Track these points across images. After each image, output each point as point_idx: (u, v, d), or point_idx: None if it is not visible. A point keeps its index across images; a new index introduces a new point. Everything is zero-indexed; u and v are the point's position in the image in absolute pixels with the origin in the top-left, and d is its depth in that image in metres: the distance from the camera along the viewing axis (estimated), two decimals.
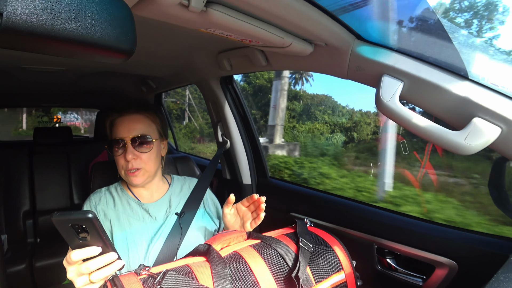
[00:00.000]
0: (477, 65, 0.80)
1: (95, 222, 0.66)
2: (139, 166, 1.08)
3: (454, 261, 0.99)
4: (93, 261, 0.71)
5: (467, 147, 0.77)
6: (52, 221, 0.66)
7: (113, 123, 1.12)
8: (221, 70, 1.47)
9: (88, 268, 0.70)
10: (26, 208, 2.49)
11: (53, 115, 12.20)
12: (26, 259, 2.18)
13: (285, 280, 0.83)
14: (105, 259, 0.72)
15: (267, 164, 1.80)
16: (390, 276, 1.15)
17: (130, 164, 1.07)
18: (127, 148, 1.07)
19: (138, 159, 1.08)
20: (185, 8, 0.71)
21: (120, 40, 0.47)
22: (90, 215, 0.65)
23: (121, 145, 1.08)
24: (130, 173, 1.08)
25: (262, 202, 1.01)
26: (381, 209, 1.23)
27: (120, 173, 1.12)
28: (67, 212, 0.68)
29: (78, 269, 0.72)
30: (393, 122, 1.01)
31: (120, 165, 1.10)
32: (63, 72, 1.77)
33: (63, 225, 0.67)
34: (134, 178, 1.08)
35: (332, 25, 0.86)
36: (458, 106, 0.80)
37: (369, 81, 0.95)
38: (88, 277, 0.72)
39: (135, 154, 1.07)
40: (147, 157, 1.09)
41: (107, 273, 0.73)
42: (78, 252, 0.70)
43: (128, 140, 1.07)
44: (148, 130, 1.11)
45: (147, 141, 1.09)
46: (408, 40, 0.91)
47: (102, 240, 0.70)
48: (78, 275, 0.72)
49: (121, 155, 1.08)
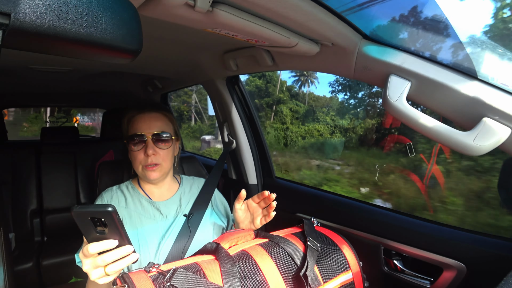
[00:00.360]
0: (486, 65, 0.79)
1: (114, 215, 0.67)
2: (158, 162, 1.11)
3: (463, 263, 0.98)
4: (109, 254, 0.71)
5: (476, 148, 0.76)
6: (72, 214, 0.67)
7: (132, 119, 1.15)
8: (227, 70, 1.47)
9: (104, 260, 0.71)
10: (33, 207, 2.52)
11: (73, 116, 12.45)
12: (33, 257, 2.20)
13: (293, 279, 0.84)
14: (121, 251, 0.72)
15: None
16: (396, 277, 1.14)
17: (149, 159, 1.09)
18: (148, 143, 1.10)
19: (157, 155, 1.11)
20: (191, 8, 0.71)
21: (126, 41, 0.47)
22: (110, 209, 0.66)
23: (141, 140, 1.11)
24: (149, 168, 1.11)
25: (272, 199, 1.03)
26: (388, 210, 1.22)
27: (136, 168, 1.14)
28: (87, 205, 0.68)
29: (94, 262, 0.72)
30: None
31: (138, 160, 1.12)
32: (70, 72, 1.78)
33: (82, 218, 0.68)
34: (151, 173, 1.11)
35: (339, 24, 0.86)
36: (467, 106, 0.79)
37: (376, 81, 0.95)
38: (104, 270, 0.73)
39: (154, 149, 1.10)
40: (165, 154, 1.13)
41: (122, 266, 0.73)
42: (96, 245, 0.70)
43: (149, 136, 1.10)
44: (167, 128, 1.15)
45: (166, 138, 1.13)
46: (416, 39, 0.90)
47: (120, 233, 0.70)
48: (94, 268, 0.73)
49: (141, 150, 1.11)
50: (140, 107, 1.15)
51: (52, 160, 2.66)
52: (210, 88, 1.74)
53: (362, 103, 15.00)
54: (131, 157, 1.14)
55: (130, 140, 1.12)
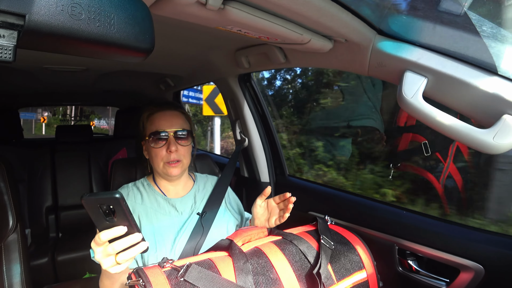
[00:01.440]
0: (507, 60, 0.76)
1: (121, 202, 0.68)
2: (179, 158, 1.13)
3: (481, 264, 0.95)
4: (119, 242, 0.73)
5: (496, 146, 0.73)
6: (82, 202, 0.68)
7: (151, 116, 1.16)
8: (239, 68, 1.46)
9: (114, 248, 0.72)
10: (49, 204, 2.57)
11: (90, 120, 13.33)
12: (49, 253, 2.25)
13: (307, 277, 0.84)
14: (130, 239, 0.73)
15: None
16: (411, 278, 1.12)
17: (172, 155, 1.11)
18: (170, 140, 1.12)
19: (179, 152, 1.13)
20: (202, 6, 0.70)
21: (138, 39, 0.47)
22: (117, 195, 0.67)
23: (163, 137, 1.12)
24: (171, 164, 1.12)
25: (291, 202, 1.04)
26: (403, 209, 1.20)
27: (157, 165, 1.15)
28: (96, 192, 0.69)
29: (105, 250, 0.74)
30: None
31: (159, 157, 1.13)
32: (83, 71, 1.80)
33: (92, 205, 0.69)
34: (173, 169, 1.13)
35: (352, 20, 0.84)
36: (486, 103, 0.76)
37: (391, 77, 0.93)
38: (115, 258, 0.74)
39: (176, 146, 1.12)
40: (186, 151, 1.15)
41: (132, 254, 0.74)
42: (106, 233, 0.72)
43: (171, 133, 1.12)
44: (186, 125, 1.17)
45: (187, 135, 1.15)
46: (432, 34, 0.87)
47: (128, 221, 0.71)
48: (105, 256, 0.75)
49: (163, 147, 1.12)
50: (159, 105, 1.17)
51: (67, 158, 2.71)
52: (222, 86, 1.73)
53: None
54: (150, 154, 1.15)
55: (151, 137, 1.13)
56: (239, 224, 1.27)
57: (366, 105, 2.53)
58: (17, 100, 2.99)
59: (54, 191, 2.62)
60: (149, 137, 1.14)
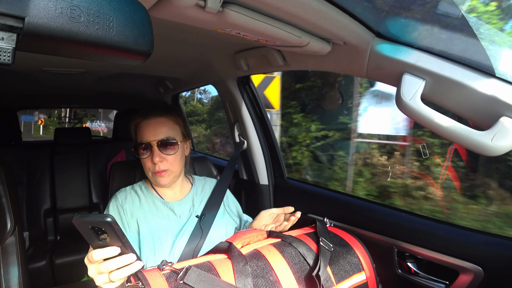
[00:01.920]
0: (504, 62, 0.77)
1: (114, 226, 0.67)
2: (166, 168, 1.11)
3: (480, 266, 0.95)
4: (112, 261, 0.72)
5: (494, 148, 0.74)
6: (73, 223, 0.68)
7: (138, 126, 1.15)
8: (238, 71, 1.46)
9: (107, 267, 0.72)
10: (47, 206, 2.57)
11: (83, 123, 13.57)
12: (47, 256, 2.25)
13: (306, 279, 0.84)
14: (123, 260, 0.73)
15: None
16: (410, 280, 1.12)
17: (157, 166, 1.10)
18: (154, 151, 1.10)
19: (165, 161, 1.11)
20: (201, 9, 0.71)
21: (137, 42, 0.47)
22: (109, 219, 0.66)
23: (147, 148, 1.11)
24: (157, 174, 1.11)
25: (296, 216, 1.05)
26: (402, 211, 1.20)
27: (147, 174, 1.15)
28: (87, 214, 0.69)
29: (98, 268, 0.74)
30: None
31: (147, 167, 1.13)
32: (82, 74, 1.80)
33: (83, 226, 0.69)
34: (161, 179, 1.12)
35: (351, 23, 0.84)
36: (484, 105, 0.76)
37: (389, 80, 0.93)
38: (108, 276, 0.74)
39: (161, 156, 1.10)
40: (172, 159, 1.13)
41: (126, 274, 0.74)
42: (99, 252, 0.72)
43: (154, 144, 1.10)
44: (172, 132, 1.14)
45: (172, 143, 1.12)
46: (430, 36, 0.88)
47: (121, 242, 0.71)
48: (98, 274, 0.75)
49: (148, 158, 1.11)
50: (144, 113, 1.15)
51: (65, 160, 2.71)
52: (221, 89, 1.74)
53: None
54: (141, 163, 1.16)
55: (137, 148, 1.13)
56: (238, 227, 1.27)
57: None
58: (16, 102, 2.99)
59: (53, 194, 2.61)
60: (134, 148, 1.14)
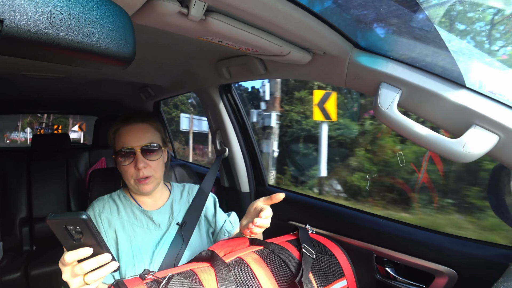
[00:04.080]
0: (473, 73, 0.81)
1: (88, 223, 0.66)
2: (150, 174, 1.09)
3: (454, 269, 0.99)
4: (87, 262, 0.70)
5: (465, 155, 0.77)
6: (47, 223, 0.66)
7: (118, 132, 1.12)
8: (220, 78, 1.47)
9: (82, 269, 0.70)
10: (23, 215, 2.47)
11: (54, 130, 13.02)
12: (22, 267, 2.15)
13: (288, 286, 0.84)
14: (98, 260, 0.71)
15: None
16: (389, 285, 1.14)
17: (141, 172, 1.07)
18: (138, 157, 1.07)
19: (148, 167, 1.09)
20: (184, 16, 0.71)
21: (119, 48, 0.47)
22: (84, 216, 0.65)
23: (130, 154, 1.08)
24: (141, 182, 1.08)
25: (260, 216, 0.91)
26: (380, 217, 1.23)
27: (128, 182, 1.11)
28: (61, 213, 0.68)
29: (72, 270, 0.71)
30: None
31: (129, 174, 1.09)
32: (62, 79, 1.77)
33: (57, 226, 0.67)
34: (145, 186, 1.09)
35: (330, 33, 0.87)
36: (455, 114, 0.80)
37: (368, 89, 0.96)
38: (83, 278, 0.72)
39: (145, 162, 1.08)
40: (156, 165, 1.11)
41: (101, 275, 0.72)
42: (72, 253, 0.69)
43: (138, 149, 1.07)
44: (155, 138, 1.12)
45: (156, 149, 1.10)
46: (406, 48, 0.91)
47: (96, 241, 0.69)
48: (73, 276, 0.72)
49: (131, 164, 1.08)
50: (125, 119, 1.13)
51: (43, 167, 2.62)
52: (203, 96, 1.74)
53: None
54: (121, 170, 1.12)
55: (118, 155, 1.10)
56: (217, 225, 1.24)
57: None
58: None
59: (29, 202, 2.51)
60: (116, 154, 1.11)
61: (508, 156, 0.77)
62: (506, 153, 0.77)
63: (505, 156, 0.78)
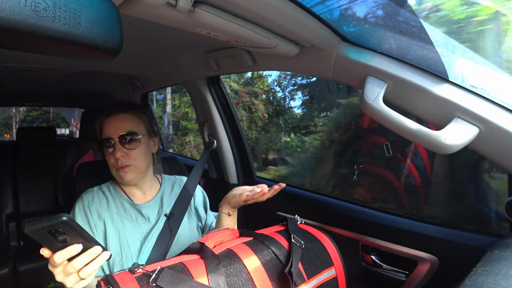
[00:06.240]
0: (456, 67, 0.83)
1: (70, 223, 0.64)
2: (128, 163, 1.09)
3: (435, 256, 1.02)
4: (78, 259, 0.70)
5: (448, 146, 0.79)
6: (26, 233, 0.62)
7: (101, 124, 1.13)
8: (208, 70, 1.47)
9: (74, 266, 0.70)
10: (9, 210, 2.43)
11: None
12: (10, 263, 2.12)
13: (278, 276, 0.85)
14: (89, 254, 0.71)
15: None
16: (374, 272, 1.17)
17: (120, 161, 1.08)
18: (116, 146, 1.08)
19: (127, 156, 1.09)
20: (172, 7, 0.71)
21: (106, 39, 0.47)
22: (64, 218, 0.63)
23: (110, 144, 1.09)
24: (120, 170, 1.09)
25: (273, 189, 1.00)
26: (365, 207, 1.25)
27: (112, 172, 1.12)
28: (39, 219, 0.64)
29: (65, 270, 0.71)
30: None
31: (111, 164, 1.10)
32: (47, 71, 1.74)
33: (38, 233, 0.64)
34: (124, 175, 1.09)
35: (318, 26, 0.88)
36: (438, 107, 0.82)
37: (354, 82, 0.97)
38: (78, 275, 0.71)
39: (123, 151, 1.08)
40: (136, 154, 1.10)
41: (95, 267, 0.72)
42: (61, 254, 0.68)
43: (116, 138, 1.08)
44: (135, 127, 1.12)
45: (135, 138, 1.10)
46: (392, 42, 0.93)
47: (83, 238, 0.68)
48: (66, 276, 0.72)
49: (111, 154, 1.09)
50: (107, 111, 1.14)
51: (29, 161, 2.57)
52: (191, 88, 1.73)
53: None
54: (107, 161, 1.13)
55: (101, 146, 1.11)
56: (207, 224, 1.26)
57: None
58: None
59: (15, 197, 2.47)
60: (98, 146, 1.12)
61: (487, 148, 0.80)
62: (486, 144, 0.80)
63: (485, 147, 0.80)
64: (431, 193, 1.79)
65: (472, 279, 0.59)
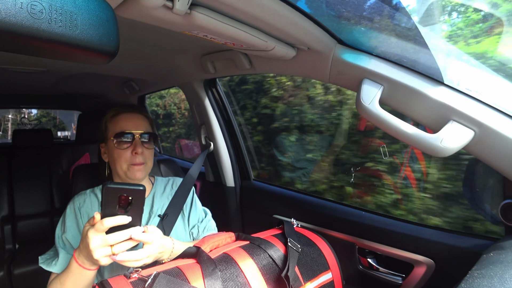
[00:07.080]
0: (451, 70, 0.84)
1: (144, 194, 0.74)
2: (144, 161, 1.10)
3: (432, 259, 1.02)
4: (121, 232, 0.75)
5: (443, 149, 0.80)
6: (103, 189, 0.72)
7: (115, 117, 1.12)
8: (205, 73, 1.47)
9: (115, 239, 0.75)
10: (4, 213, 2.41)
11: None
12: (4, 266, 2.10)
13: (275, 280, 0.84)
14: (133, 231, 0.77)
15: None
16: (371, 275, 1.17)
17: (138, 157, 1.08)
18: (136, 142, 1.08)
19: (143, 155, 1.10)
20: (169, 10, 0.71)
21: (102, 42, 0.47)
22: (142, 187, 0.72)
23: (129, 138, 1.09)
24: (135, 166, 1.08)
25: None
26: (362, 210, 1.26)
27: (120, 167, 1.09)
28: (121, 183, 0.74)
29: (105, 239, 0.75)
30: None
31: (123, 158, 1.08)
32: (44, 73, 1.73)
33: (112, 194, 0.73)
34: (137, 172, 1.09)
35: (314, 29, 0.88)
36: (434, 110, 0.83)
37: (350, 85, 0.98)
38: (111, 249, 0.76)
39: (142, 148, 1.09)
40: (150, 154, 1.13)
41: (129, 246, 0.77)
42: (111, 219, 0.73)
43: (137, 135, 1.09)
44: (151, 129, 1.16)
45: (151, 139, 1.14)
46: (388, 45, 0.93)
47: (139, 214, 0.75)
48: (102, 246, 0.76)
49: (128, 149, 1.08)
50: (123, 107, 1.15)
51: (25, 164, 2.56)
52: (188, 91, 1.73)
53: None
54: (113, 156, 1.10)
55: (117, 138, 1.08)
56: (199, 226, 1.24)
57: None
58: None
59: (11, 200, 2.45)
60: (113, 138, 1.09)
61: (482, 151, 0.81)
62: (481, 147, 0.80)
63: (480, 150, 0.81)
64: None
65: (468, 282, 0.59)
